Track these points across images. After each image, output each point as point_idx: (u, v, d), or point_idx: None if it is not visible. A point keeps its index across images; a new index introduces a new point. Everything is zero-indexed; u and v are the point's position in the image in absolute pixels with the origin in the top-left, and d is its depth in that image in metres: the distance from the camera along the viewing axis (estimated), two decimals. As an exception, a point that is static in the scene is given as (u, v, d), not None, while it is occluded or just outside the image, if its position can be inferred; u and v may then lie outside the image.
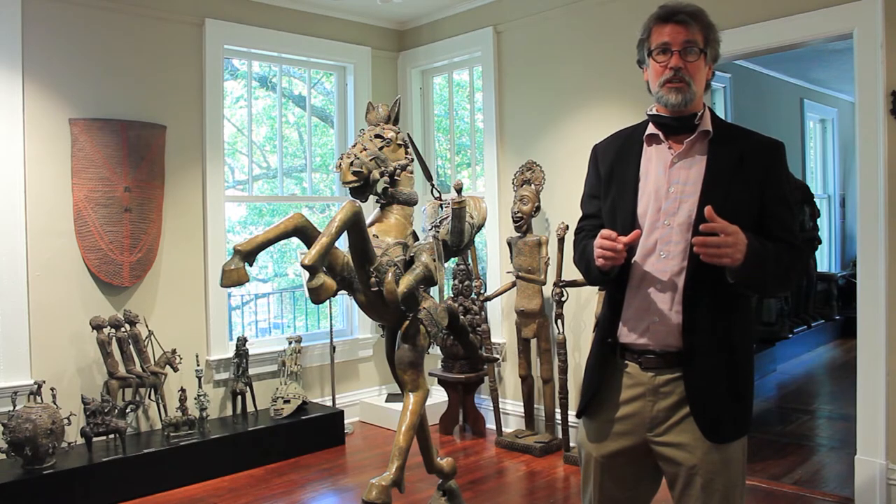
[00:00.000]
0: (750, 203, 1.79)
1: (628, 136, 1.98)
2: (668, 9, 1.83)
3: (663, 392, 1.83)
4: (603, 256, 1.78)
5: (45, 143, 3.90)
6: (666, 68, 1.81)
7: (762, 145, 1.85)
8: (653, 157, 1.89)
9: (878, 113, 3.24)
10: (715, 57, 1.87)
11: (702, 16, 1.83)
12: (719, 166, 1.81)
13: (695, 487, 1.81)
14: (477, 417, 4.85)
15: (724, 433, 1.80)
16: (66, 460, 3.64)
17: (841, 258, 8.97)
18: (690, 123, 1.85)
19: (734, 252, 1.65)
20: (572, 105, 4.46)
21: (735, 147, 1.83)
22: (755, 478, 3.84)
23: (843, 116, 8.95)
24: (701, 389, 1.79)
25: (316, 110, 6.37)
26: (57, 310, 3.93)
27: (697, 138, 1.85)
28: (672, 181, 1.83)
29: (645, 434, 1.86)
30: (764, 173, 1.81)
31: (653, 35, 1.85)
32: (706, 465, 1.80)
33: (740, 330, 1.84)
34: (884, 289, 3.26)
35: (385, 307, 2.81)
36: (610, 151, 1.98)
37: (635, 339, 1.86)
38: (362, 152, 2.73)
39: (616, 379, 1.90)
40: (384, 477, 2.69)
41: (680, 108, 1.83)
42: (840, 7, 3.35)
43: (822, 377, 6.45)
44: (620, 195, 1.89)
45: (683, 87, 1.80)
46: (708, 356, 1.79)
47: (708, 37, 1.83)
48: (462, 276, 4.83)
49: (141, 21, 4.24)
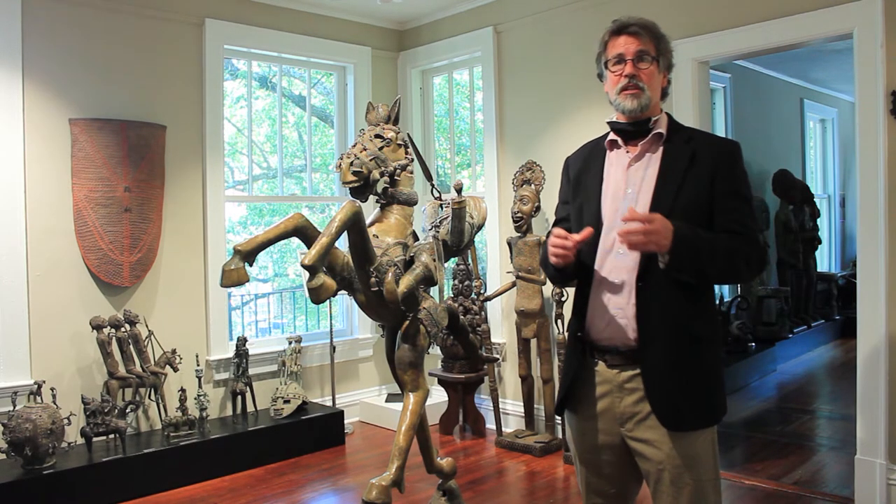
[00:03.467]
0: (701, 199, 1.88)
1: (594, 145, 2.11)
2: (620, 22, 1.95)
3: (627, 388, 1.91)
4: (555, 254, 1.88)
5: (45, 143, 3.90)
6: (621, 76, 1.93)
7: (714, 144, 1.97)
8: (613, 161, 2.01)
9: (878, 113, 3.24)
10: (668, 66, 1.99)
11: (653, 27, 1.96)
12: (671, 166, 1.91)
13: (664, 483, 1.89)
14: (477, 417, 4.85)
15: (684, 422, 1.86)
16: (66, 460, 3.64)
17: (841, 258, 8.97)
18: (646, 128, 1.95)
19: (659, 238, 1.74)
20: (572, 105, 4.46)
21: (687, 147, 1.93)
22: (755, 478, 3.84)
23: (843, 116, 8.95)
24: (657, 380, 1.87)
25: (316, 110, 6.37)
26: (57, 310, 3.93)
27: (651, 141, 1.95)
28: (629, 182, 1.95)
29: (619, 429, 1.95)
30: (715, 170, 1.89)
31: (608, 48, 1.97)
32: (673, 460, 1.86)
33: (698, 320, 1.90)
34: (884, 289, 3.26)
35: (385, 307, 2.81)
36: (578, 160, 2.12)
37: (600, 335, 1.95)
38: (362, 152, 2.73)
39: (589, 376, 1.98)
40: (384, 477, 2.69)
41: (636, 113, 1.93)
42: (840, 7, 3.35)
43: (822, 377, 6.45)
44: (586, 199, 2.02)
45: (638, 92, 1.91)
46: (663, 347, 1.85)
47: (659, 46, 1.95)
48: (462, 276, 4.83)
49: (141, 21, 4.24)
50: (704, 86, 3.95)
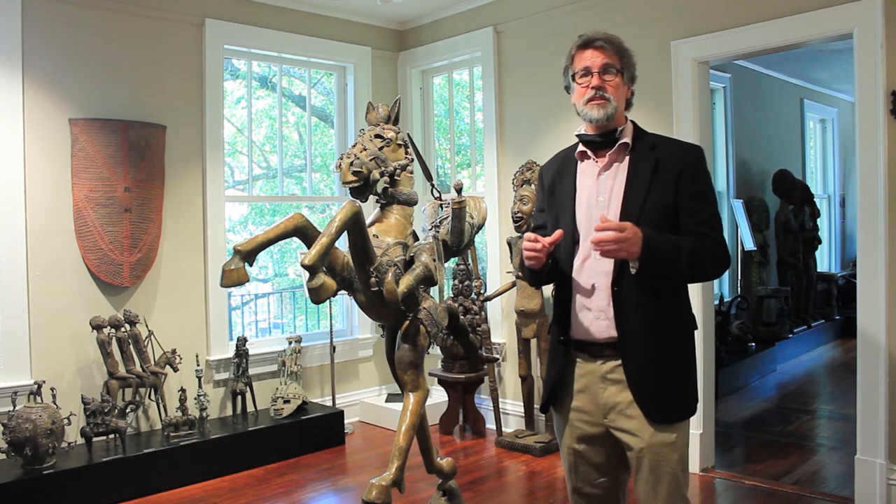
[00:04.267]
0: (667, 203, 1.98)
1: (565, 156, 2.21)
2: (586, 37, 2.06)
3: (610, 379, 2.01)
4: (528, 257, 1.98)
5: (45, 143, 3.90)
6: (588, 88, 2.03)
7: (678, 150, 2.07)
8: (584, 171, 2.11)
9: (878, 113, 3.24)
10: (632, 78, 2.09)
11: (617, 41, 2.05)
12: (638, 173, 2.01)
13: (643, 470, 1.98)
14: (477, 417, 4.85)
15: (665, 415, 1.97)
16: (66, 460, 3.64)
17: (841, 258, 8.98)
18: (613, 138, 2.05)
19: (629, 246, 1.84)
20: (572, 105, 4.45)
21: (652, 155, 2.03)
22: (755, 478, 3.84)
23: (843, 116, 8.95)
24: (638, 372, 1.97)
25: (316, 110, 6.37)
26: (57, 310, 3.93)
27: (618, 150, 2.06)
28: (600, 191, 2.05)
29: (603, 420, 2.04)
30: (678, 175, 1.99)
31: (575, 61, 2.08)
32: (653, 447, 1.95)
33: (671, 316, 2.01)
34: (884, 289, 3.26)
35: (385, 307, 2.81)
36: (551, 169, 2.22)
37: (584, 334, 2.05)
38: (362, 152, 2.73)
39: (572, 372, 2.08)
40: (384, 477, 2.69)
41: (603, 123, 2.03)
42: (840, 7, 3.35)
43: (822, 377, 6.45)
44: (562, 208, 2.11)
45: (605, 102, 2.01)
46: (641, 342, 1.96)
47: (623, 59, 2.05)
48: (462, 276, 4.83)
49: (141, 21, 4.24)
50: (704, 86, 3.95)
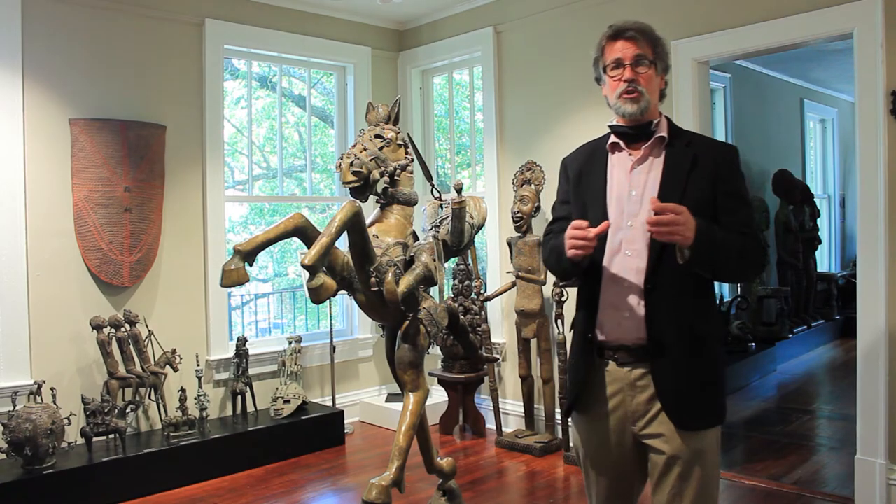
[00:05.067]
0: (704, 201, 1.91)
1: (594, 146, 2.12)
2: (617, 27, 1.98)
3: (639, 386, 1.94)
4: (574, 246, 1.87)
5: (45, 143, 3.90)
6: (620, 81, 1.95)
7: (714, 148, 2.02)
8: (616, 163, 2.03)
9: (878, 113, 3.24)
10: (665, 68, 2.02)
11: (649, 31, 1.98)
12: (675, 169, 1.94)
13: (671, 475, 1.91)
14: (477, 417, 4.85)
15: (694, 422, 1.91)
16: (66, 460, 3.64)
17: (841, 258, 8.97)
18: (647, 131, 1.98)
19: (685, 230, 1.76)
20: (572, 105, 4.46)
21: (689, 150, 1.97)
22: (755, 478, 3.84)
23: (843, 116, 8.94)
24: (668, 380, 1.90)
25: (316, 110, 6.37)
26: (57, 310, 3.93)
27: (654, 144, 1.98)
28: (633, 185, 1.97)
29: (630, 428, 1.97)
30: (716, 173, 1.94)
31: (606, 53, 2.00)
32: (683, 454, 1.90)
33: (703, 320, 1.95)
34: (884, 289, 3.26)
35: (385, 307, 2.81)
36: (578, 161, 2.13)
37: (610, 335, 1.96)
38: (362, 152, 2.73)
39: (598, 376, 1.99)
40: (384, 477, 2.69)
41: (637, 117, 1.96)
42: (840, 7, 3.35)
43: (822, 377, 6.45)
44: (591, 201, 2.03)
45: (638, 96, 1.94)
46: (672, 347, 1.89)
47: (656, 50, 1.98)
48: (462, 276, 4.83)
49: (141, 21, 4.24)
50: (704, 86, 3.95)
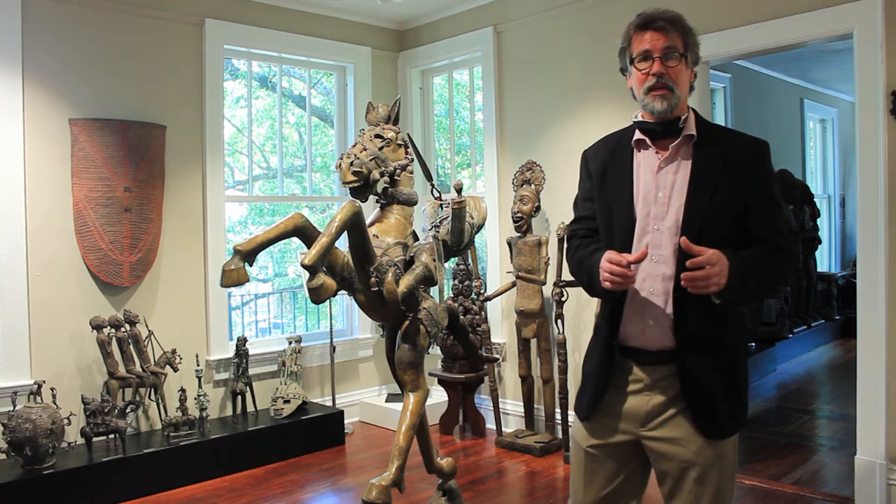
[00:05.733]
0: (735, 204, 1.82)
1: (617, 140, 2.00)
2: (646, 16, 1.85)
3: (660, 387, 1.86)
4: (612, 281, 1.78)
5: (45, 143, 3.90)
6: (649, 75, 1.83)
7: (745, 146, 1.89)
8: (641, 162, 1.92)
9: (878, 113, 3.24)
10: (695, 60, 1.89)
11: (680, 21, 1.85)
12: (704, 169, 1.83)
13: (687, 481, 1.84)
14: (477, 417, 4.85)
15: (719, 429, 1.84)
16: (66, 460, 3.64)
17: (841, 258, 8.97)
18: (675, 128, 1.87)
19: (719, 279, 1.69)
20: (572, 105, 4.46)
21: (719, 149, 1.85)
22: (755, 478, 3.84)
23: (843, 116, 8.94)
24: (695, 386, 1.83)
25: (316, 110, 6.37)
26: (57, 310, 3.93)
27: (682, 142, 1.87)
28: (660, 186, 1.87)
29: (638, 430, 1.90)
30: (748, 173, 1.83)
31: (633, 43, 1.87)
32: (701, 459, 1.83)
33: (732, 327, 1.88)
34: (884, 289, 3.26)
35: (385, 307, 2.81)
36: (600, 155, 2.01)
37: (634, 341, 1.89)
38: (362, 152, 2.73)
39: (614, 376, 1.92)
40: (384, 477, 2.69)
41: (666, 115, 1.85)
42: (840, 7, 3.35)
43: (822, 377, 6.45)
44: (616, 202, 1.92)
45: (667, 93, 1.82)
46: (701, 354, 1.82)
47: (687, 41, 1.85)
48: (462, 276, 4.83)
49: (141, 21, 4.24)
50: (704, 86, 3.95)
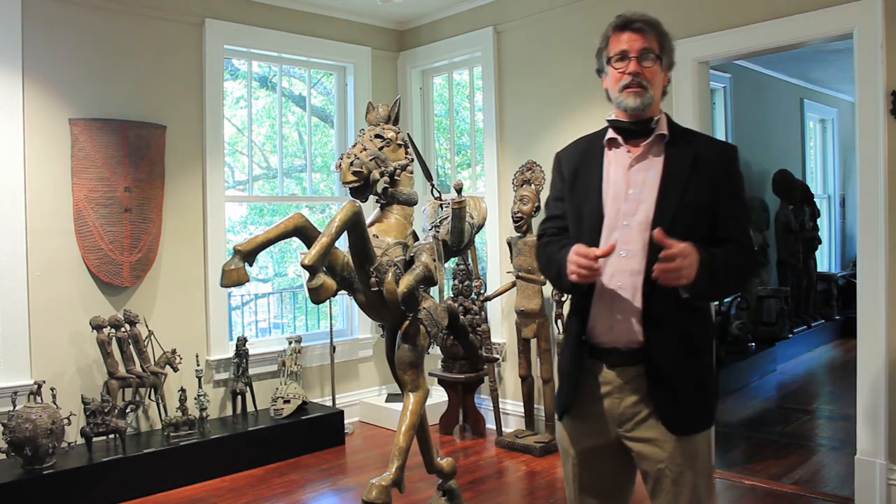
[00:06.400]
0: (704, 204, 1.86)
1: (589, 141, 2.05)
2: (624, 18, 1.91)
3: (629, 389, 1.89)
4: (579, 274, 1.80)
5: (45, 143, 3.90)
6: (624, 74, 1.88)
7: (715, 148, 1.97)
8: (612, 160, 1.96)
9: (878, 113, 3.24)
10: (670, 64, 1.95)
11: (657, 25, 1.91)
12: (675, 169, 1.88)
13: (665, 482, 1.88)
14: (477, 417, 4.85)
15: (687, 426, 1.87)
16: (66, 460, 3.64)
17: (841, 258, 8.97)
18: (647, 128, 1.91)
19: (689, 272, 1.72)
20: (572, 105, 4.46)
21: (690, 150, 1.90)
22: (755, 478, 3.84)
23: (843, 116, 8.94)
24: (662, 383, 1.85)
25: (316, 110, 6.37)
26: (57, 310, 3.93)
27: (654, 142, 1.92)
28: (631, 183, 1.90)
29: (616, 430, 1.92)
30: (717, 174, 1.89)
31: (611, 43, 1.92)
32: (674, 458, 1.86)
33: (699, 323, 1.92)
34: (884, 289, 3.26)
35: (385, 307, 2.81)
36: (573, 156, 2.06)
37: (603, 337, 1.91)
38: (362, 152, 2.73)
39: (587, 378, 1.95)
40: (384, 477, 2.70)
41: (638, 112, 1.89)
42: (840, 7, 3.35)
43: (822, 377, 6.45)
44: (586, 199, 1.95)
45: (641, 91, 1.87)
46: (668, 350, 1.85)
47: (663, 44, 1.91)
48: (462, 276, 4.83)
49: (141, 21, 4.24)
50: (704, 86, 3.95)
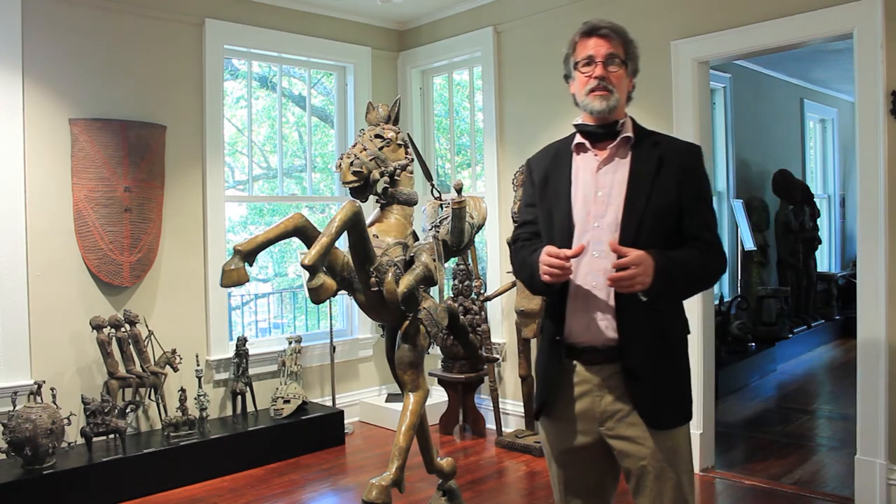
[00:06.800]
0: (670, 203, 1.92)
1: (558, 148, 2.10)
2: (591, 24, 1.97)
3: (607, 387, 1.93)
4: (550, 274, 1.85)
5: (45, 143, 3.90)
6: (591, 78, 1.94)
7: (680, 148, 2.01)
8: (580, 165, 2.01)
9: (878, 113, 3.24)
10: (635, 70, 2.01)
11: (623, 32, 1.98)
12: (641, 170, 1.93)
13: (648, 479, 1.91)
14: (477, 417, 4.85)
15: (666, 420, 1.91)
16: (66, 460, 3.64)
17: (841, 258, 8.97)
18: (613, 130, 1.97)
19: (644, 278, 1.78)
20: (572, 105, 4.43)
21: (655, 151, 1.96)
22: (755, 478, 3.84)
23: (843, 116, 8.94)
24: (639, 379, 1.89)
25: (316, 110, 6.37)
26: (57, 310, 3.93)
27: (620, 144, 1.97)
28: (599, 185, 1.96)
29: (598, 429, 1.96)
30: (682, 174, 1.94)
31: (578, 49, 1.99)
32: (656, 455, 1.90)
33: (671, 319, 1.97)
34: (884, 289, 3.26)
35: (385, 307, 2.81)
36: (542, 162, 2.11)
37: (579, 337, 1.95)
38: (362, 152, 2.73)
39: (566, 378, 1.98)
40: (384, 477, 2.70)
41: (604, 115, 1.95)
42: (840, 7, 3.34)
43: (822, 377, 6.45)
44: (556, 202, 2.00)
45: (607, 94, 1.93)
46: (642, 345, 1.89)
47: (629, 50, 1.97)
48: (462, 276, 4.83)
49: (141, 21, 4.24)
50: (704, 86, 3.95)
